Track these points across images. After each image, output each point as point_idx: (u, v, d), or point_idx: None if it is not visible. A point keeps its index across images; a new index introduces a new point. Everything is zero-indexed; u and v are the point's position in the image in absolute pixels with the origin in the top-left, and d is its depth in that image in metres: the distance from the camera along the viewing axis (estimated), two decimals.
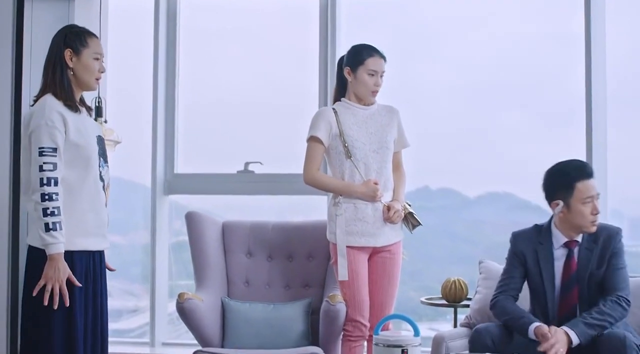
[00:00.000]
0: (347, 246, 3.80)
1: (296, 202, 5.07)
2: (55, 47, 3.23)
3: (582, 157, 4.58)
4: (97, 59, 3.25)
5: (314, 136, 3.86)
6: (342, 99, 3.95)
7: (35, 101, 3.22)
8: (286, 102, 5.10)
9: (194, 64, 5.32)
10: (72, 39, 3.23)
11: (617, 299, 3.42)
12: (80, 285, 3.13)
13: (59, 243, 3.04)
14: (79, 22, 4.49)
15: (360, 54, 3.87)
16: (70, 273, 3.09)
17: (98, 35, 3.59)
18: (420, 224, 3.97)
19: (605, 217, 4.56)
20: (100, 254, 3.29)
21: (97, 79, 3.28)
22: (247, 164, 5.05)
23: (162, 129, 5.20)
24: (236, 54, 5.29)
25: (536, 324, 3.37)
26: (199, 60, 5.35)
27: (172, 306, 4.74)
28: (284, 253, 4.45)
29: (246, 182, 5.05)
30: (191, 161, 5.22)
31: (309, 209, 4.93)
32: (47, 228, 3.01)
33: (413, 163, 4.50)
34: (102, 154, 3.27)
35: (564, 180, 3.52)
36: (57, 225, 3.02)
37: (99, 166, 3.22)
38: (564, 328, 3.32)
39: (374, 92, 3.89)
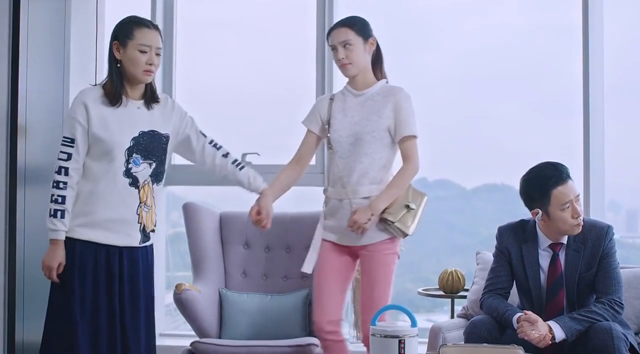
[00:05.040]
0: (323, 239, 3.59)
1: (294, 194, 5.06)
2: (110, 39, 3.25)
3: (580, 149, 4.58)
4: (144, 51, 3.18)
5: (304, 124, 3.71)
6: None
7: None
8: (284, 92, 5.09)
9: (191, 54, 5.31)
10: (120, 30, 3.22)
11: (609, 303, 3.35)
12: (57, 281, 3.14)
13: (59, 231, 3.12)
14: (76, 15, 4.48)
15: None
16: (61, 263, 3.12)
17: (95, 28, 3.61)
18: (403, 234, 3.48)
19: (603, 209, 4.57)
20: (127, 251, 3.22)
21: (147, 71, 3.20)
22: (244, 155, 5.04)
23: None
24: (234, 44, 5.28)
25: (519, 314, 3.35)
26: (196, 51, 5.34)
27: (169, 298, 4.75)
28: (282, 244, 4.45)
29: None
30: None
31: (307, 200, 4.93)
32: (50, 214, 3.11)
33: None
34: (141, 150, 3.21)
35: (538, 189, 3.41)
36: (59, 213, 3.10)
37: (127, 162, 3.17)
38: (548, 322, 3.30)
39: (342, 67, 3.53)
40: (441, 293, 4.47)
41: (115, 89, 3.19)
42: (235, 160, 3.48)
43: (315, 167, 4.86)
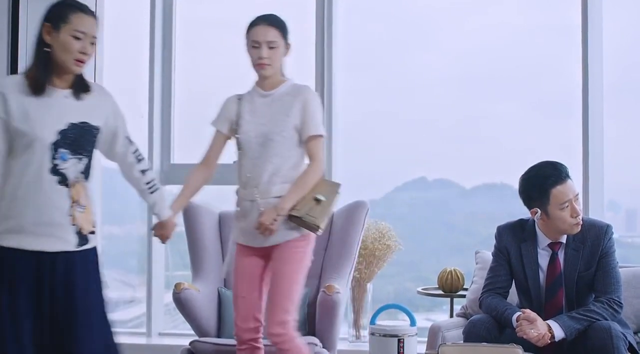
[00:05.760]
0: (236, 242, 3.51)
1: None
2: (41, 20, 2.87)
3: (579, 148, 4.59)
4: (78, 38, 2.81)
5: (213, 125, 3.57)
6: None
7: None
8: None
9: (190, 54, 5.31)
10: (54, 12, 2.85)
11: (607, 302, 3.35)
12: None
13: None
14: None
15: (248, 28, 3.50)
16: None
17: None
18: (315, 227, 3.36)
19: (602, 208, 4.57)
20: (62, 256, 2.84)
21: (78, 61, 2.83)
22: None
23: (158, 120, 5.20)
24: (232, 43, 5.26)
25: (518, 313, 3.35)
26: (195, 50, 5.34)
27: (168, 297, 4.74)
28: None
29: None
30: (187, 152, 5.21)
31: None
32: None
33: (409, 154, 4.51)
34: (69, 144, 2.83)
35: (537, 188, 3.41)
36: None
37: (52, 158, 2.79)
38: (548, 321, 3.30)
39: (259, 65, 3.43)
40: (440, 292, 4.47)
41: (39, 76, 2.81)
42: (150, 182, 3.21)
43: None
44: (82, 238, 2.88)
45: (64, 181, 2.83)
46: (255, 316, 3.43)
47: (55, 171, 2.81)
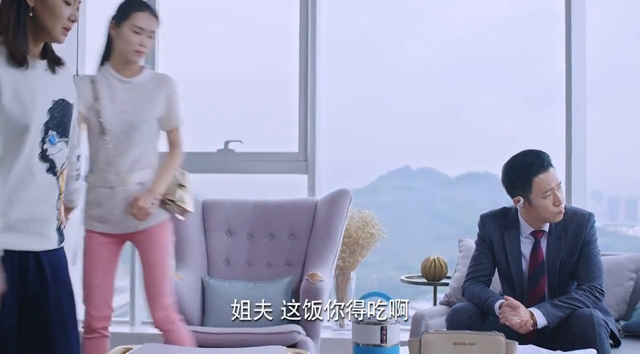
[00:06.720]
0: (88, 230, 3.47)
1: (276, 181, 5.06)
2: None
3: (562, 138, 4.60)
4: (69, 3, 2.41)
5: None
6: (106, 63, 3.46)
7: None
8: (266, 80, 5.08)
9: (173, 42, 5.28)
10: None
11: (589, 290, 3.36)
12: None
13: None
14: None
15: (126, 9, 3.42)
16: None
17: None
18: (184, 211, 3.53)
19: (585, 198, 4.59)
20: (45, 255, 2.45)
21: (65, 29, 2.43)
22: (227, 142, 5.03)
23: None
24: (216, 32, 5.26)
25: (500, 301, 3.37)
26: (178, 39, 5.31)
27: None
28: (265, 232, 4.45)
29: (226, 160, 5.03)
30: None
31: (289, 187, 4.93)
32: None
33: (394, 143, 4.51)
34: (56, 125, 2.43)
35: (520, 177, 3.42)
36: None
37: (42, 142, 2.38)
38: (530, 308, 3.32)
39: (138, 52, 3.40)
40: (424, 280, 4.48)
41: (22, 44, 2.36)
42: (79, 169, 2.99)
43: (298, 155, 4.86)
44: (61, 234, 2.52)
45: (52, 168, 2.44)
46: (109, 304, 3.49)
47: (45, 157, 2.41)
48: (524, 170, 3.43)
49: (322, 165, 4.87)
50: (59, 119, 2.44)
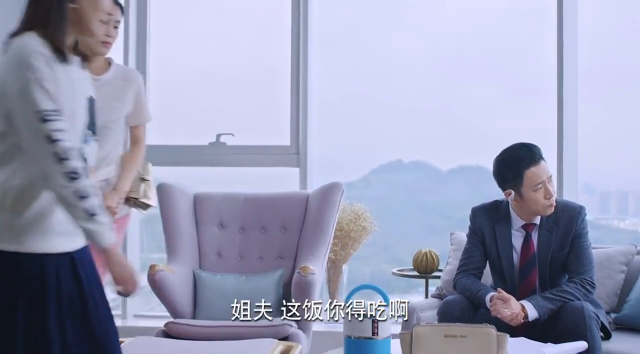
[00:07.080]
0: None
1: (268, 174, 5.06)
2: None
3: (553, 131, 4.61)
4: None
5: None
6: None
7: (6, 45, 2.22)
8: (258, 74, 5.07)
9: (165, 35, 5.26)
10: None
11: (580, 282, 3.38)
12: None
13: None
14: None
15: None
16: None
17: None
18: (148, 206, 3.60)
19: (576, 191, 4.60)
20: (74, 254, 2.32)
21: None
22: (218, 135, 5.02)
23: None
24: (208, 24, 5.24)
25: (492, 293, 3.39)
26: (170, 32, 5.30)
27: (143, 279, 4.72)
28: (256, 225, 4.44)
29: (218, 153, 5.03)
30: (162, 133, 5.17)
31: (281, 180, 4.92)
32: (90, 214, 2.16)
33: (386, 136, 4.51)
34: (90, 124, 2.33)
35: (511, 170, 3.44)
36: (97, 208, 2.18)
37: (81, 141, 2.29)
38: (521, 301, 3.33)
39: (106, 43, 3.32)
40: (415, 273, 4.49)
41: (63, 37, 2.23)
42: None
43: (290, 148, 4.86)
44: None
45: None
46: None
47: (82, 157, 2.22)
48: (515, 163, 3.44)
49: (314, 158, 4.87)
50: (92, 117, 2.35)
